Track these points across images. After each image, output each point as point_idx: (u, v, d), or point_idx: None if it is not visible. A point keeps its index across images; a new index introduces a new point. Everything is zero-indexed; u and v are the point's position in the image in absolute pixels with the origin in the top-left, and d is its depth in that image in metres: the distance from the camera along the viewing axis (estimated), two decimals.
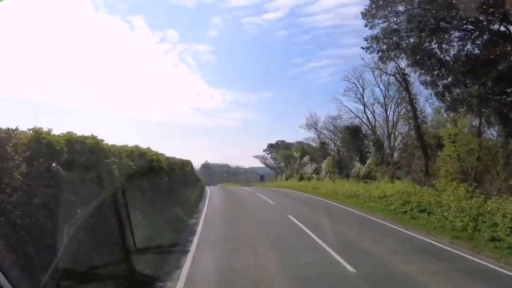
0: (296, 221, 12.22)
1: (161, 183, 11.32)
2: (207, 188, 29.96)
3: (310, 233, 10.03)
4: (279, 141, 62.13)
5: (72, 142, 5.09)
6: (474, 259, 8.02)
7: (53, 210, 4.19)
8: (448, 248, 8.91)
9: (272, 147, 62.68)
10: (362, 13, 18.34)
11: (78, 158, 5.10)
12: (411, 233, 10.78)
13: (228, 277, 6.09)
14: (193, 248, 8.22)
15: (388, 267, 7.06)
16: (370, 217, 14.02)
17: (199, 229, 10.69)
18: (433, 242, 9.55)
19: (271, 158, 64.08)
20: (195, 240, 9.12)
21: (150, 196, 8.92)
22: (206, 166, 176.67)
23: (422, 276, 6.50)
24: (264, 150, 64.24)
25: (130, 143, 9.34)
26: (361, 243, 9.28)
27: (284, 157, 54.22)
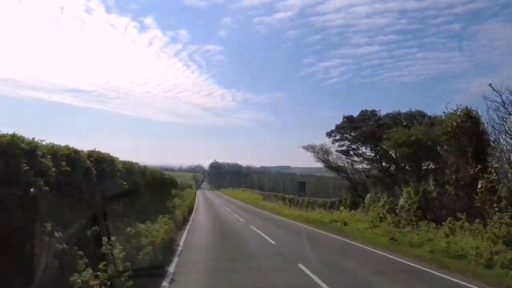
0: None
1: None
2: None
3: None
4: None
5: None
6: None
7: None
8: None
9: (341, 129, 29.68)
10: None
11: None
12: None
13: None
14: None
15: None
16: None
17: None
18: None
19: (339, 147, 30.00)
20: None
21: None
22: (215, 166, 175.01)
23: None
24: (330, 133, 30.03)
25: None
26: None
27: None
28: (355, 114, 28.51)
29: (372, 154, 26.29)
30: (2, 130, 4.04)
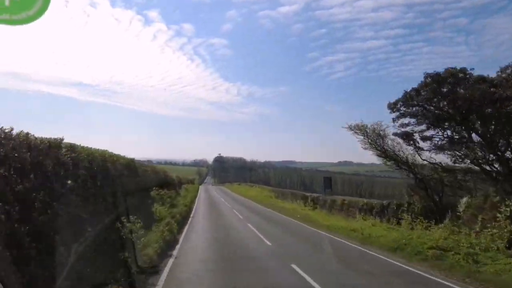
0: None
1: None
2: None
3: None
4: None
5: None
6: None
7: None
8: None
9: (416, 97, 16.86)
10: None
11: None
12: None
13: None
14: None
15: None
16: None
17: None
18: None
19: (400, 127, 18.49)
20: None
21: None
22: (219, 160, 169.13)
23: None
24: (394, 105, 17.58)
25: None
26: None
27: None
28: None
29: (457, 137, 16.43)
30: (7, 124, 4.07)
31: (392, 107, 17.30)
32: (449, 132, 17.13)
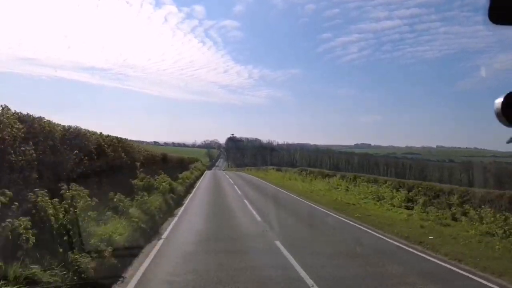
0: None
1: None
2: None
3: None
4: None
5: None
6: None
7: None
8: None
9: None
10: None
11: None
12: None
13: None
14: None
15: None
16: None
17: None
18: None
19: None
20: None
21: None
22: (233, 139, 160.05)
23: None
24: None
25: None
26: None
27: None
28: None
29: None
30: (22, 110, 5.68)
31: None
32: None
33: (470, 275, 6.68)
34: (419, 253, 8.23)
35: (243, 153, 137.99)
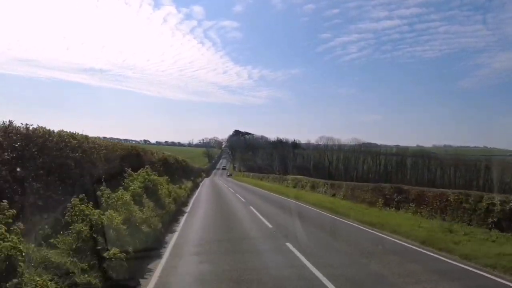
0: None
1: None
2: None
3: None
4: None
5: None
6: None
7: None
8: None
9: None
10: None
11: None
12: None
13: None
14: None
15: None
16: None
17: None
18: None
19: None
20: None
21: None
22: (239, 133, 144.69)
23: None
24: None
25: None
26: None
27: None
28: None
29: None
30: (22, 111, 3.86)
31: None
32: None
33: None
34: None
35: (255, 152, 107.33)
